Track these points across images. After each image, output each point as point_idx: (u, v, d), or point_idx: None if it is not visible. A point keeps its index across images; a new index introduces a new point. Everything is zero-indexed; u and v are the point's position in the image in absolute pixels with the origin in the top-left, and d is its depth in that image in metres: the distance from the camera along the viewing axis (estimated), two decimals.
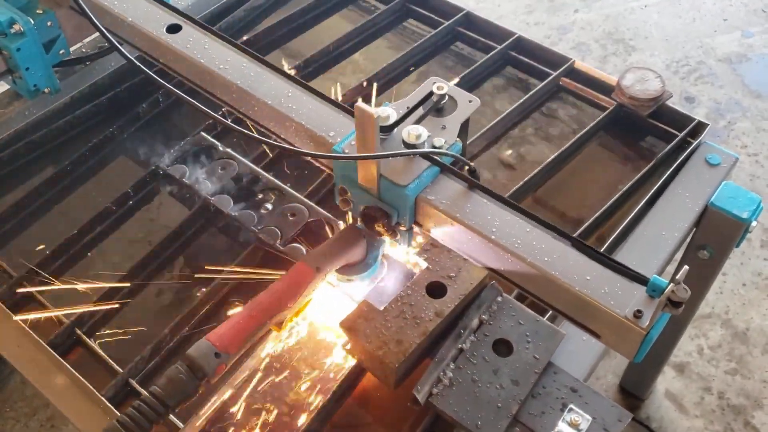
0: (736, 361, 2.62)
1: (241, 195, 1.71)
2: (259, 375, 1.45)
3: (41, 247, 1.65)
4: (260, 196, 1.71)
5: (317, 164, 1.50)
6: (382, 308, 1.40)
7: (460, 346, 1.41)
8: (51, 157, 1.86)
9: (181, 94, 1.31)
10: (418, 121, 1.27)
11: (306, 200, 1.70)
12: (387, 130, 1.24)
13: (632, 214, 1.67)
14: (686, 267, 1.03)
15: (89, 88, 1.96)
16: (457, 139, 1.27)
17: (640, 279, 1.08)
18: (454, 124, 1.28)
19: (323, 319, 1.52)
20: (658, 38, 3.72)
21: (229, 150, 1.79)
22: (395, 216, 1.26)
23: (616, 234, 1.64)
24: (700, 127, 1.86)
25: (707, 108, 3.40)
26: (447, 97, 1.30)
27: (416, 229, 1.30)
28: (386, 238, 1.36)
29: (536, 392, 1.38)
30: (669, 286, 1.01)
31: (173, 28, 1.51)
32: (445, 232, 1.26)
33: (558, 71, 2.00)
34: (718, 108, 3.39)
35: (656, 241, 1.62)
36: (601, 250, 1.54)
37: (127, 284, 1.59)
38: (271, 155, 1.84)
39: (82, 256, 1.66)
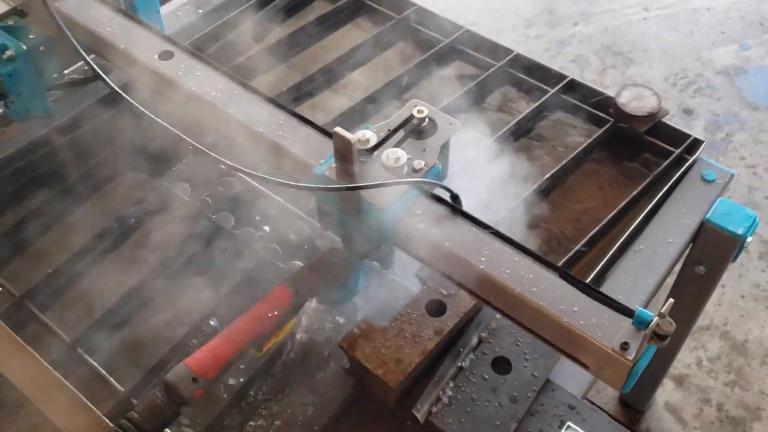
0: (735, 372, 2.63)
1: (242, 212, 1.73)
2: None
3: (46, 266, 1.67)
4: (261, 213, 1.73)
5: None
6: (381, 326, 1.42)
7: (459, 364, 1.42)
8: (51, 177, 1.87)
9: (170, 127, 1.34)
10: (398, 144, 1.28)
11: (306, 216, 1.72)
12: (367, 152, 1.26)
13: (628, 231, 1.68)
14: (671, 300, 1.04)
15: (89, 109, 1.98)
16: (437, 161, 1.29)
17: (626, 311, 1.09)
18: (434, 146, 1.30)
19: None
20: (656, 51, 3.74)
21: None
22: (376, 238, 1.27)
23: (611, 252, 1.65)
24: (696, 143, 1.87)
25: (705, 120, 3.42)
26: (427, 119, 1.32)
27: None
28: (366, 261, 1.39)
29: (534, 410, 1.40)
30: (654, 320, 1.02)
31: (166, 54, 1.54)
32: (427, 255, 1.27)
33: (556, 87, 2.02)
34: (716, 120, 3.41)
35: (652, 258, 1.64)
36: (597, 269, 1.60)
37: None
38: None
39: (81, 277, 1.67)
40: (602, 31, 3.86)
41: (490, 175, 1.72)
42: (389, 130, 1.32)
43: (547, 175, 1.81)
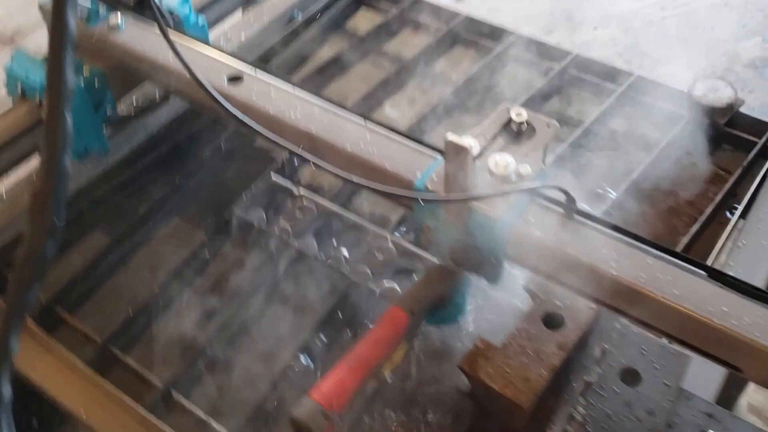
0: None
1: (324, 237, 1.65)
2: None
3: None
4: (344, 236, 1.65)
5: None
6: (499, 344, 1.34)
7: (586, 379, 1.34)
8: (114, 214, 1.79)
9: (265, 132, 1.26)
10: (501, 150, 1.22)
11: (390, 235, 1.64)
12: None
13: (730, 226, 1.62)
14: None
15: (146, 141, 1.90)
16: (543, 165, 1.22)
17: None
18: (536, 150, 1.23)
19: None
20: (680, 49, 3.71)
21: (305, 190, 1.74)
22: (486, 252, 1.20)
23: (718, 249, 1.58)
24: None
25: None
26: (526, 123, 1.25)
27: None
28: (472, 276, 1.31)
29: (672, 421, 1.31)
30: None
31: (234, 79, 1.47)
32: (546, 266, 1.20)
33: (623, 86, 1.96)
34: (751, 113, 3.36)
35: (763, 252, 1.57)
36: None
37: None
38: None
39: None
40: (623, 32, 3.83)
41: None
42: (485, 136, 1.26)
43: (639, 169, 1.74)
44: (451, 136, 1.12)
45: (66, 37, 0.78)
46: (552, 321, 1.37)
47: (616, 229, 1.18)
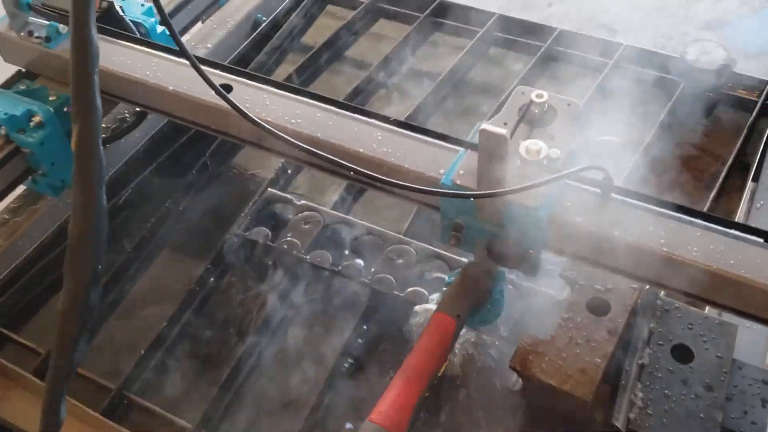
0: None
1: (336, 247, 1.56)
2: None
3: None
4: (356, 244, 1.57)
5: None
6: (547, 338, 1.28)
7: (639, 361, 1.29)
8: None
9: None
10: (527, 136, 1.16)
11: (407, 239, 1.56)
12: None
13: (747, 188, 1.59)
14: None
15: (124, 167, 1.77)
16: (571, 146, 1.17)
17: None
18: (563, 132, 1.18)
19: None
20: (638, 18, 3.72)
21: (306, 201, 1.64)
22: (527, 244, 1.14)
23: (740, 212, 1.55)
24: None
25: None
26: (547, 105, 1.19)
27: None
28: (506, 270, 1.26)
29: (730, 393, 1.27)
30: None
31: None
32: (591, 252, 1.14)
33: (614, 58, 1.92)
34: None
35: None
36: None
37: None
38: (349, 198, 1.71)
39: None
40: (578, 7, 3.82)
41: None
42: (505, 122, 1.19)
43: (646, 142, 1.70)
44: (486, 125, 1.05)
45: (92, 58, 0.68)
46: (597, 306, 1.31)
47: (658, 202, 1.13)
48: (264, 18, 2.17)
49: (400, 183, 1.11)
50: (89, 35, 0.66)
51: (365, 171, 1.11)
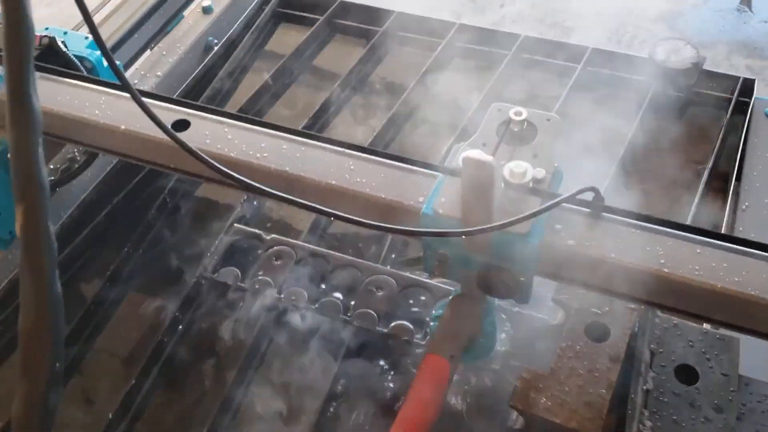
0: None
1: (311, 283, 1.47)
2: None
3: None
4: (335, 278, 1.47)
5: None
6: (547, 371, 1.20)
7: (644, 387, 1.23)
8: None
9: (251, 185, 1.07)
10: (509, 155, 1.09)
11: (385, 268, 1.48)
12: None
13: (730, 191, 1.55)
14: None
15: (78, 211, 1.65)
16: (556, 164, 1.10)
17: None
18: (545, 149, 1.11)
19: None
20: (590, 14, 3.70)
21: (276, 235, 1.55)
22: (518, 272, 1.07)
23: (726, 216, 1.51)
24: (747, 84, 1.77)
25: None
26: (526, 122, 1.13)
27: None
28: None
29: (739, 413, 1.22)
30: None
31: (180, 125, 1.27)
32: (589, 276, 1.07)
33: (581, 62, 1.87)
34: None
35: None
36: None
37: None
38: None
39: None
40: (531, 6, 3.79)
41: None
42: (484, 143, 1.12)
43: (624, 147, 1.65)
44: (470, 153, 0.97)
45: (34, 126, 0.57)
46: (596, 331, 1.25)
47: (651, 219, 1.06)
48: (216, 41, 2.06)
49: (381, 225, 1.03)
50: (29, 102, 0.56)
51: (343, 215, 1.01)
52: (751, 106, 1.71)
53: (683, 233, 1.05)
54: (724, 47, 3.50)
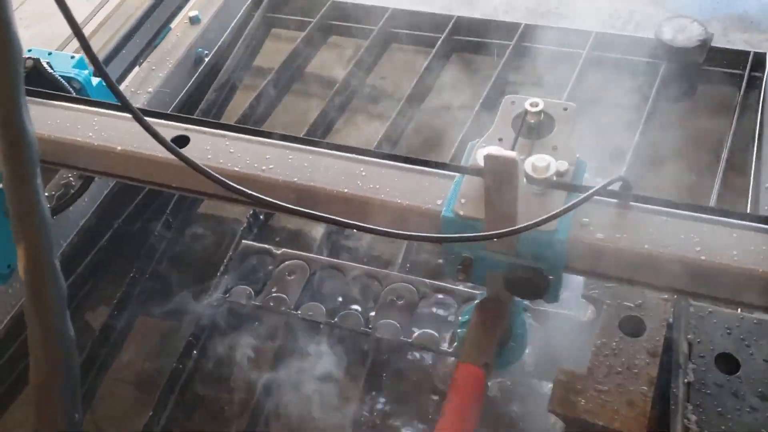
0: None
1: (326, 296, 1.41)
2: None
3: None
4: (351, 289, 1.42)
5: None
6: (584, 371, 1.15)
7: (685, 380, 1.17)
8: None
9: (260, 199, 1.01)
10: (526, 150, 1.04)
11: (406, 276, 1.42)
12: None
13: (752, 170, 1.50)
14: None
15: (78, 237, 1.59)
16: (578, 155, 1.05)
17: None
18: (565, 140, 1.06)
19: None
20: (580, 1, 3.64)
21: (287, 250, 1.49)
22: (546, 271, 1.01)
23: (750, 195, 1.45)
24: (758, 58, 1.72)
25: None
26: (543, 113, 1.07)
27: None
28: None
29: None
30: None
31: (179, 141, 1.21)
32: (622, 270, 1.02)
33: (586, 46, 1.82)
34: None
35: None
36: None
37: None
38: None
39: None
40: None
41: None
42: (505, 138, 1.07)
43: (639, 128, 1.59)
44: (492, 150, 0.92)
45: (30, 155, 0.52)
46: (632, 326, 1.19)
47: (682, 206, 1.01)
48: (206, 51, 2.01)
49: (400, 233, 0.97)
50: (23, 130, 0.50)
51: (363, 225, 0.96)
52: (765, 81, 1.65)
53: (717, 217, 1.00)
54: (719, 24, 3.44)
